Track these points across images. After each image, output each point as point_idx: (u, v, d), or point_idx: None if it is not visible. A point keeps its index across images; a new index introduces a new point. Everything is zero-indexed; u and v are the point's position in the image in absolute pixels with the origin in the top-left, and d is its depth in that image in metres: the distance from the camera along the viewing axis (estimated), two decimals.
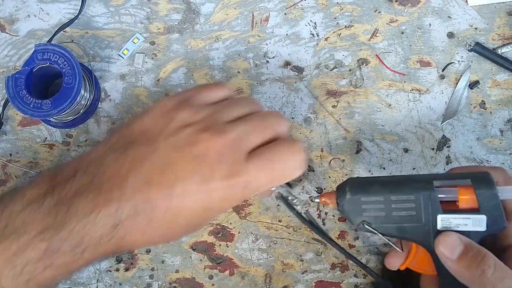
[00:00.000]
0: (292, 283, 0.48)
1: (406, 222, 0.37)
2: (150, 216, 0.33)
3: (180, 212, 0.33)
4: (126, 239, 0.34)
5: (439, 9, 0.51)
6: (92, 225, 0.32)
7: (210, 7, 0.51)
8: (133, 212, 0.33)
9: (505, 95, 0.49)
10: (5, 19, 0.51)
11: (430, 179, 0.36)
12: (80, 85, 0.44)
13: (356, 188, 0.38)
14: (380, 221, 0.38)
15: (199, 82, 0.51)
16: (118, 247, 0.34)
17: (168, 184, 0.33)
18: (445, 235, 0.35)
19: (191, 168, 0.33)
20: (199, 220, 0.36)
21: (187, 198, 0.33)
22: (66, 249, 0.32)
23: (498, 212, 0.34)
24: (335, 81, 0.50)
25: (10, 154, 0.50)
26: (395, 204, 0.37)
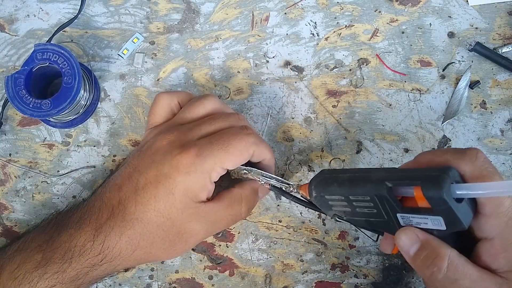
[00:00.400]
0: (292, 284, 0.48)
1: (371, 217, 0.36)
2: (123, 214, 0.39)
3: (147, 209, 0.40)
4: (108, 244, 0.39)
5: (439, 8, 0.51)
6: (77, 232, 0.39)
7: (210, 7, 0.51)
8: (110, 214, 0.40)
9: (505, 95, 0.49)
10: (4, 19, 0.51)
11: (382, 180, 0.34)
12: (79, 85, 0.44)
13: (319, 187, 0.38)
14: (349, 214, 0.38)
15: (199, 82, 0.51)
16: (103, 255, 0.39)
17: (136, 187, 0.40)
18: (403, 232, 0.34)
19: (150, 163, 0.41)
20: (169, 215, 0.40)
21: (148, 192, 0.40)
22: (57, 258, 0.38)
23: (452, 215, 0.31)
24: (335, 81, 0.50)
25: (9, 154, 0.50)
26: (355, 202, 0.36)
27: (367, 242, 0.48)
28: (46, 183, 0.49)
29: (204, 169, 0.39)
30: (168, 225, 0.40)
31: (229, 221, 0.43)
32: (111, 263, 0.40)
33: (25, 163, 0.50)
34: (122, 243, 0.39)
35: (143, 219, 0.39)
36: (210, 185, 0.40)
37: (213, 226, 0.42)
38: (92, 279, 0.40)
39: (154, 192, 0.39)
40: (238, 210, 0.43)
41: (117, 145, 0.50)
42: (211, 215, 0.41)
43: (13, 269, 0.38)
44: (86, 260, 0.39)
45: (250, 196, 0.44)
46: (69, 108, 0.45)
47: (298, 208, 0.49)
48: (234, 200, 0.43)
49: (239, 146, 0.40)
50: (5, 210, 0.49)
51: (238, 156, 0.40)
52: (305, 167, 0.49)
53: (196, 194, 0.40)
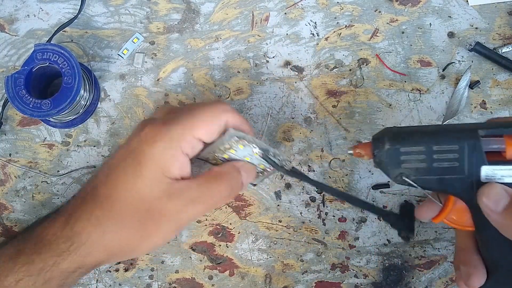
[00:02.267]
0: (292, 284, 0.48)
1: (447, 174, 0.35)
2: (94, 196, 0.38)
3: (116, 186, 0.38)
4: (77, 229, 0.37)
5: (439, 8, 0.51)
6: (50, 222, 0.38)
7: (210, 7, 0.51)
8: (82, 200, 0.38)
9: (505, 95, 0.49)
10: (4, 19, 0.51)
11: (475, 128, 0.34)
12: (79, 85, 0.44)
13: (395, 138, 0.36)
14: (420, 173, 0.36)
15: (198, 82, 0.51)
16: (71, 241, 0.37)
17: (108, 169, 0.39)
18: (490, 187, 0.33)
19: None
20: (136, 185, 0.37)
21: (117, 170, 0.38)
22: (27, 248, 0.37)
23: None
24: (335, 81, 0.50)
25: (9, 154, 0.50)
26: (437, 154, 0.35)
27: (367, 242, 0.48)
28: (46, 183, 0.49)
29: (172, 137, 0.37)
30: (137, 202, 0.37)
31: (207, 201, 0.38)
32: (79, 250, 0.37)
33: (25, 163, 0.50)
34: (90, 226, 0.37)
35: (112, 197, 0.37)
36: (182, 157, 0.37)
37: (187, 206, 0.37)
38: (61, 273, 0.37)
39: (123, 167, 0.37)
40: (216, 189, 0.38)
41: (117, 145, 0.50)
42: (185, 192, 0.37)
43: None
44: (54, 248, 0.37)
45: (231, 174, 0.40)
46: (69, 108, 0.45)
47: (298, 208, 0.49)
48: (211, 177, 0.39)
49: (209, 112, 0.38)
50: (5, 210, 0.49)
51: (208, 123, 0.38)
52: (305, 167, 0.49)
53: (167, 167, 0.37)
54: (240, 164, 0.40)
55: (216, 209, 0.49)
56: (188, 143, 0.37)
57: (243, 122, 0.40)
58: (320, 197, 0.49)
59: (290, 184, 0.49)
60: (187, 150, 0.37)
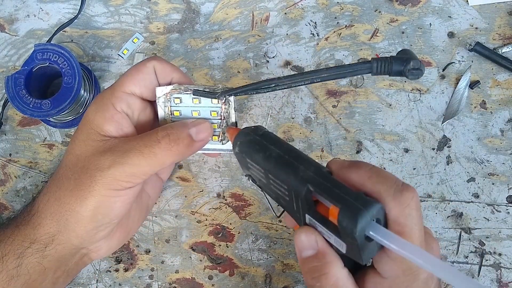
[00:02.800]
0: (292, 284, 0.48)
1: (282, 200, 0.34)
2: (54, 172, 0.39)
3: (64, 154, 0.39)
4: (35, 202, 0.38)
5: (439, 8, 0.51)
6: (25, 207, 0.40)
7: (210, 7, 0.51)
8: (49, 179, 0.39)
9: (505, 95, 0.49)
10: (4, 19, 0.51)
11: (307, 180, 0.31)
12: (79, 85, 0.44)
13: (244, 147, 0.35)
14: (263, 184, 0.36)
15: (199, 82, 0.51)
16: (29, 215, 0.38)
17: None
18: (304, 231, 0.32)
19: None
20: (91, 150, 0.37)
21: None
22: (3, 226, 0.39)
23: (355, 250, 0.29)
24: (335, 81, 0.50)
25: (9, 154, 0.50)
26: (272, 181, 0.34)
27: None
28: (46, 183, 0.49)
29: (103, 97, 0.38)
30: (74, 161, 0.37)
31: (142, 151, 0.36)
32: (31, 221, 0.38)
33: (25, 163, 0.50)
34: (41, 194, 0.38)
35: (59, 165, 0.39)
36: (116, 114, 0.37)
37: (121, 157, 0.35)
38: (16, 248, 0.37)
39: (72, 137, 0.39)
40: (152, 138, 0.36)
41: None
42: (119, 146, 0.36)
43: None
44: (17, 221, 0.39)
45: (172, 126, 0.38)
46: (69, 108, 0.45)
47: None
48: (148, 131, 0.38)
49: (136, 65, 0.39)
50: (5, 210, 0.49)
51: (134, 74, 0.38)
52: None
53: (100, 126, 0.37)
54: (190, 120, 0.39)
55: (216, 209, 0.49)
56: (119, 99, 0.37)
57: (174, 69, 0.40)
58: None
59: None
60: (121, 106, 0.37)
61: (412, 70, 0.31)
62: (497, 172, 0.48)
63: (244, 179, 0.49)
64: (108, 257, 0.49)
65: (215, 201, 0.49)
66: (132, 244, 0.49)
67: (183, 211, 0.49)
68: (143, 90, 0.38)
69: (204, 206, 0.49)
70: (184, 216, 0.49)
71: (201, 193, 0.49)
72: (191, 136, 0.38)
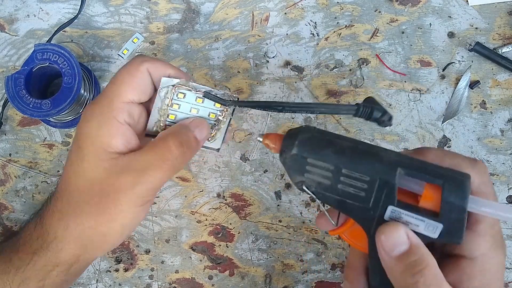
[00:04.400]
0: (292, 284, 0.48)
1: (350, 199, 0.31)
2: (56, 191, 0.38)
3: (67, 175, 0.37)
4: (45, 226, 0.37)
5: (439, 8, 0.51)
6: (28, 224, 0.39)
7: (210, 7, 0.51)
8: (49, 199, 0.38)
9: (505, 95, 0.49)
10: (4, 19, 0.51)
11: (395, 164, 0.29)
12: (79, 85, 0.44)
13: (306, 145, 0.32)
14: (322, 188, 0.32)
15: (199, 82, 0.50)
16: (42, 239, 0.37)
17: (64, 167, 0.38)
18: (392, 227, 0.30)
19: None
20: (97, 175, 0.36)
21: (67, 160, 0.37)
22: (8, 250, 0.38)
23: (459, 226, 0.29)
24: (336, 81, 0.50)
25: (9, 154, 0.50)
26: (344, 177, 0.31)
27: None
28: (46, 183, 0.49)
29: (102, 111, 0.35)
30: (88, 185, 0.35)
31: (160, 166, 0.35)
32: (51, 247, 0.37)
33: (25, 163, 0.50)
34: (55, 221, 0.36)
35: (68, 188, 0.36)
36: (121, 127, 0.35)
37: (141, 177, 0.35)
38: (38, 272, 0.37)
39: (69, 155, 0.37)
40: (166, 150, 0.35)
41: None
42: (134, 163, 0.35)
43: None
44: (29, 247, 0.37)
45: (177, 131, 0.37)
46: (69, 108, 0.45)
47: (298, 208, 0.49)
48: (157, 141, 0.36)
49: (125, 70, 0.36)
50: (5, 210, 0.49)
51: (129, 80, 0.36)
52: None
53: (107, 143, 0.35)
54: (188, 121, 0.38)
55: (216, 209, 0.49)
56: (121, 110, 0.35)
57: (168, 66, 0.38)
58: None
59: (290, 184, 0.49)
60: (124, 118, 0.36)
61: (386, 121, 0.33)
62: (497, 172, 0.48)
63: (244, 179, 0.49)
64: (108, 257, 0.49)
65: (215, 201, 0.49)
66: (132, 244, 0.49)
67: (183, 211, 0.49)
68: (141, 96, 0.37)
69: (204, 206, 0.49)
70: (184, 216, 0.49)
71: (201, 193, 0.49)
72: (196, 137, 0.37)
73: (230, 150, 0.49)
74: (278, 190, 0.49)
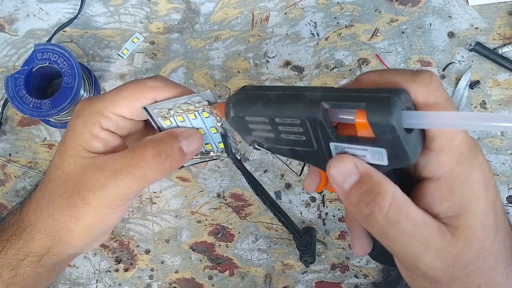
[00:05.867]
0: (292, 284, 0.48)
1: (298, 146, 0.31)
2: (40, 182, 0.38)
3: (50, 167, 0.37)
4: (23, 213, 0.37)
5: (439, 8, 0.51)
6: (10, 215, 0.39)
7: (210, 7, 0.51)
8: (35, 189, 0.38)
9: (505, 95, 0.49)
10: (4, 19, 0.51)
11: (318, 100, 0.28)
12: (79, 85, 0.44)
13: (239, 105, 0.31)
14: (271, 142, 0.32)
15: (198, 82, 0.51)
16: (17, 225, 0.37)
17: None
18: (339, 159, 0.28)
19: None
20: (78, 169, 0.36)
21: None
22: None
23: (399, 147, 0.26)
24: (336, 81, 0.50)
25: (9, 154, 0.50)
26: (281, 126, 0.30)
27: None
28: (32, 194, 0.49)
29: (91, 112, 0.35)
30: (64, 178, 0.36)
31: (132, 172, 0.34)
32: (23, 235, 0.37)
33: (25, 163, 0.50)
34: (31, 208, 0.37)
35: (47, 177, 0.37)
36: (103, 132, 0.35)
37: (111, 178, 0.34)
38: (10, 261, 0.37)
39: (57, 147, 0.37)
40: (141, 157, 0.34)
41: None
42: (109, 164, 0.35)
43: None
44: (5, 233, 0.37)
45: (162, 140, 0.36)
46: (69, 108, 0.45)
47: (298, 208, 0.49)
48: (140, 146, 0.35)
49: (132, 89, 0.35)
50: (5, 210, 0.49)
51: (130, 100, 0.35)
52: (306, 167, 0.49)
53: (87, 142, 0.35)
54: (180, 130, 0.36)
55: (216, 209, 0.49)
56: (108, 120, 0.35)
57: (170, 92, 0.36)
58: (320, 197, 0.49)
59: (290, 184, 0.49)
60: (108, 126, 0.35)
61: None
62: (497, 172, 0.48)
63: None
64: (108, 257, 0.49)
65: (215, 201, 0.49)
66: (132, 244, 0.49)
67: (183, 211, 0.49)
68: (134, 116, 0.36)
69: (204, 206, 0.49)
70: (184, 216, 0.49)
71: (201, 193, 0.49)
72: (182, 150, 0.35)
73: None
74: (278, 190, 0.49)
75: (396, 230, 0.27)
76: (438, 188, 0.28)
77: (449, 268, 0.28)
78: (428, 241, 0.28)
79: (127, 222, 0.49)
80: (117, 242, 0.49)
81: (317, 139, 0.29)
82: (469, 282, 0.29)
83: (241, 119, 0.32)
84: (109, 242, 0.48)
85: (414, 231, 0.27)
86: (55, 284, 0.48)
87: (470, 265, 0.28)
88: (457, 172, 0.28)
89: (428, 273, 0.29)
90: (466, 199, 0.28)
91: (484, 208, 0.28)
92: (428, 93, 0.27)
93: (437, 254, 0.28)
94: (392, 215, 0.27)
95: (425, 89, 0.27)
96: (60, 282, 0.48)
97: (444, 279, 0.29)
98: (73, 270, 0.48)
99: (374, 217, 0.27)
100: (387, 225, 0.27)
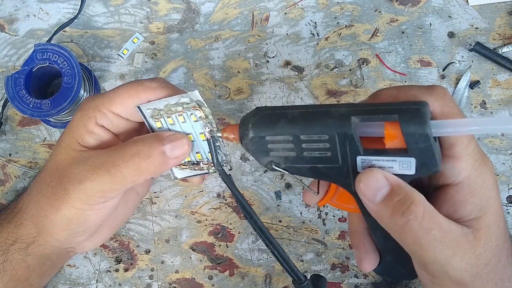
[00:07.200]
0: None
1: (320, 163, 0.31)
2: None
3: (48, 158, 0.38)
4: (19, 200, 0.39)
5: (439, 8, 0.51)
6: (11, 204, 0.41)
7: (210, 7, 0.51)
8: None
9: (505, 95, 0.49)
10: (4, 19, 0.51)
11: (347, 114, 0.29)
12: (79, 85, 0.44)
13: (260, 125, 0.31)
14: (290, 161, 0.32)
15: (198, 82, 0.51)
16: (14, 212, 0.39)
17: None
18: (369, 173, 0.29)
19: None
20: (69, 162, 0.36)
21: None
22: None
23: (429, 155, 0.28)
24: (336, 81, 0.50)
25: (9, 154, 0.50)
26: (306, 144, 0.30)
27: None
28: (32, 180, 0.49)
29: (89, 108, 0.36)
30: (54, 168, 0.36)
31: (109, 170, 0.34)
32: (14, 220, 0.38)
33: (25, 163, 0.50)
34: (25, 194, 0.39)
35: (43, 167, 0.38)
36: (97, 128, 0.36)
37: (90, 173, 0.34)
38: (2, 245, 0.38)
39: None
40: (120, 154, 0.34)
41: None
42: (92, 159, 0.35)
43: None
44: (1, 216, 0.39)
45: (144, 141, 0.35)
46: (69, 108, 0.45)
47: (298, 208, 0.49)
48: (122, 144, 0.36)
49: (128, 89, 0.36)
50: None
51: (125, 100, 0.35)
52: None
53: (80, 135, 0.35)
54: (167, 133, 0.36)
55: (216, 209, 0.49)
56: (104, 116, 0.35)
57: (168, 93, 0.36)
58: None
59: (290, 184, 0.49)
60: (103, 123, 0.36)
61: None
62: (497, 172, 0.48)
63: (244, 179, 0.49)
64: (108, 257, 0.49)
65: (215, 201, 0.49)
66: (132, 244, 0.49)
67: (183, 211, 0.49)
68: (129, 115, 0.37)
69: (204, 206, 0.49)
70: (184, 216, 0.49)
71: (201, 193, 0.49)
72: (164, 153, 0.35)
73: (230, 151, 0.49)
74: (278, 190, 0.49)
75: (429, 237, 0.28)
76: (459, 193, 0.30)
77: (473, 268, 0.29)
78: (455, 245, 0.29)
79: (127, 222, 0.49)
80: (117, 242, 0.49)
81: (344, 154, 0.30)
82: (488, 280, 0.30)
83: (261, 139, 0.32)
84: (109, 242, 0.49)
85: (443, 237, 0.29)
86: (55, 284, 0.48)
87: (490, 263, 0.30)
88: (474, 176, 0.30)
89: (455, 276, 0.30)
90: (485, 201, 0.30)
91: (498, 209, 0.30)
92: (444, 105, 0.29)
93: (463, 256, 0.29)
94: (425, 223, 0.28)
95: (442, 101, 0.29)
96: (60, 282, 0.48)
97: (469, 279, 0.30)
98: (73, 270, 0.48)
99: (409, 226, 0.28)
100: (420, 233, 0.28)
